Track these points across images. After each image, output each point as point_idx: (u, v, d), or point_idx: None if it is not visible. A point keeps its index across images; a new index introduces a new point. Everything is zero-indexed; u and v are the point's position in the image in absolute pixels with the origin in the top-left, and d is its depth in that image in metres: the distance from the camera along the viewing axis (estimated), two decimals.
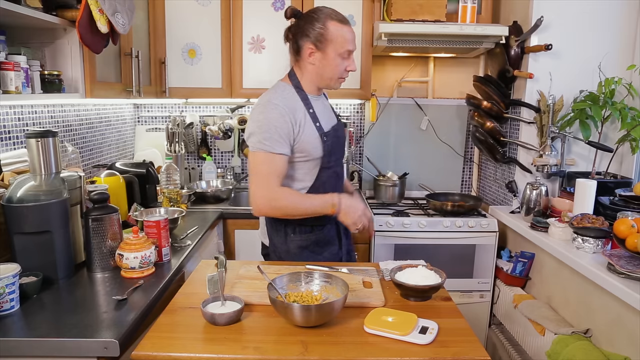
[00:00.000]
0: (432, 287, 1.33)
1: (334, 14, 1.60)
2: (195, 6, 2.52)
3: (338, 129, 1.73)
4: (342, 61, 1.62)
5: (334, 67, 1.62)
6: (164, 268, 1.56)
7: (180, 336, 1.13)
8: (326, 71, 1.63)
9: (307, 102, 1.64)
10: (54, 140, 1.45)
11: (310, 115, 1.62)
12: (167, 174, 2.29)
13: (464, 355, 1.07)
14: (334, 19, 1.59)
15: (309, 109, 1.63)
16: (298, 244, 1.69)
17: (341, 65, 1.62)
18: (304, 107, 1.63)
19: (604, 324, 1.64)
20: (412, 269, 1.42)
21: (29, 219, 1.35)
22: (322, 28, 1.58)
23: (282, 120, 1.54)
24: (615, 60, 2.27)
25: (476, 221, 2.38)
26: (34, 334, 1.12)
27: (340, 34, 1.58)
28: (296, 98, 1.63)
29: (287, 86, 1.66)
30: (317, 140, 1.61)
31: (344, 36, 1.59)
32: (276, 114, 1.54)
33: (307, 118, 1.61)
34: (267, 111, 1.56)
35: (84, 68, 1.73)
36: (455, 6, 2.46)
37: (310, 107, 1.64)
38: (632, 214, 1.78)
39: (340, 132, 1.74)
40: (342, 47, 1.59)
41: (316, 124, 1.63)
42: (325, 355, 1.06)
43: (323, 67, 1.62)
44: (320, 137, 1.62)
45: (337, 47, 1.59)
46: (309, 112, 1.63)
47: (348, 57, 1.63)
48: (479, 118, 2.54)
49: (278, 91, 1.63)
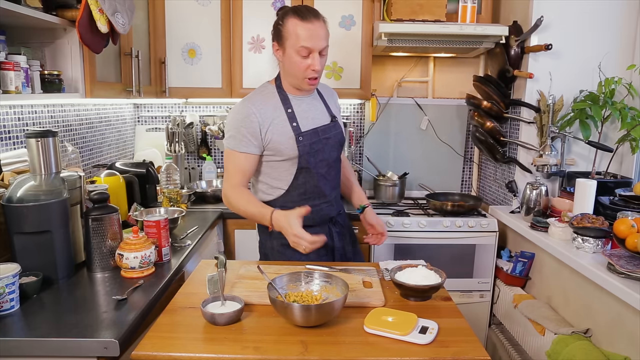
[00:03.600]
0: (432, 287, 1.33)
1: (297, 10, 1.54)
2: (195, 6, 2.52)
3: (327, 129, 1.68)
4: (301, 59, 1.54)
5: (294, 65, 1.56)
6: (164, 268, 1.56)
7: (180, 336, 1.13)
8: (290, 70, 1.59)
9: (287, 101, 1.63)
10: (54, 140, 1.45)
11: (287, 114, 1.61)
12: (167, 174, 2.29)
13: (464, 355, 1.07)
14: (294, 15, 1.53)
15: (287, 109, 1.62)
16: (281, 241, 1.66)
17: (301, 64, 1.55)
18: (282, 106, 1.62)
19: (604, 324, 1.64)
20: (412, 268, 1.42)
21: (29, 218, 1.35)
22: (280, 24, 1.56)
23: (247, 120, 1.58)
24: (615, 60, 2.27)
25: (476, 221, 2.38)
26: (34, 334, 1.12)
27: (296, 30, 1.52)
28: (275, 98, 1.63)
29: (269, 86, 1.68)
30: (290, 140, 1.60)
31: (299, 33, 1.51)
32: (243, 114, 1.59)
33: (282, 118, 1.61)
34: (236, 111, 1.61)
35: (84, 68, 1.73)
36: (455, 6, 2.46)
37: (289, 107, 1.63)
38: (632, 214, 1.78)
39: (330, 133, 1.69)
40: (297, 44, 1.52)
41: (292, 123, 1.61)
42: (325, 355, 1.06)
43: (286, 66, 1.60)
44: (295, 137, 1.60)
45: (293, 44, 1.53)
46: (287, 111, 1.62)
47: (307, 55, 1.54)
48: (479, 118, 2.54)
49: (257, 91, 1.68)
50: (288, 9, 1.57)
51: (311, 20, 1.52)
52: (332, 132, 1.70)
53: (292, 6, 1.59)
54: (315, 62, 1.55)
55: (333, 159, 1.72)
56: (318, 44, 1.53)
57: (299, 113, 1.64)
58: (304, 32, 1.51)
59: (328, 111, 1.74)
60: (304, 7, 1.57)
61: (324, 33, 1.55)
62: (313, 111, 1.68)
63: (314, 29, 1.52)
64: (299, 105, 1.65)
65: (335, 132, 1.72)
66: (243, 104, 1.62)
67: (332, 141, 1.70)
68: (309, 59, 1.54)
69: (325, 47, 1.57)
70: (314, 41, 1.52)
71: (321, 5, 2.53)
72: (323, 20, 1.57)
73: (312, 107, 1.69)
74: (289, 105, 1.63)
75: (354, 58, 2.58)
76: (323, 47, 1.56)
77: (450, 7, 2.47)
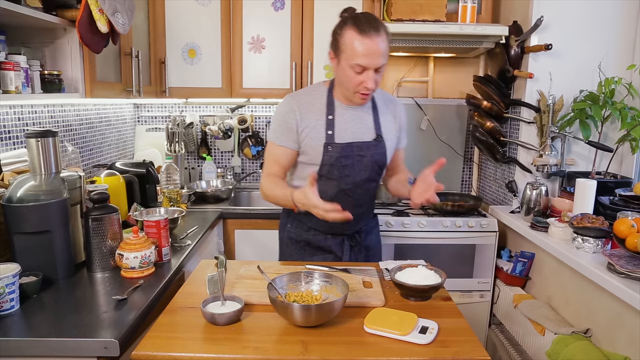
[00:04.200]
0: (432, 287, 1.33)
1: (357, 20, 1.43)
2: (195, 6, 2.52)
3: (365, 147, 1.59)
4: (355, 74, 1.45)
5: (346, 79, 1.48)
6: (164, 268, 1.56)
7: (180, 336, 1.13)
8: (342, 82, 1.52)
9: (331, 107, 1.57)
10: (54, 140, 1.45)
11: (326, 120, 1.56)
12: (167, 173, 2.29)
13: (464, 355, 1.07)
14: (352, 26, 1.42)
15: (328, 115, 1.57)
16: (291, 236, 1.73)
17: (354, 79, 1.46)
18: (325, 111, 1.57)
19: (604, 324, 1.64)
20: (412, 268, 1.42)
21: (29, 218, 1.35)
22: (338, 34, 1.47)
23: (287, 116, 1.57)
24: (615, 60, 2.27)
25: (476, 221, 2.38)
26: (34, 334, 1.12)
27: (352, 44, 1.42)
28: (322, 100, 1.59)
29: (321, 86, 1.64)
30: (319, 147, 1.56)
31: (356, 48, 1.41)
32: (286, 109, 1.59)
33: (321, 122, 1.56)
34: (281, 105, 1.61)
35: (84, 68, 1.74)
36: (455, 6, 2.46)
37: (331, 113, 1.57)
38: (632, 214, 1.78)
39: (367, 152, 1.59)
40: (352, 59, 1.43)
41: (328, 131, 1.56)
42: (325, 355, 1.06)
43: (339, 77, 1.53)
44: (324, 146, 1.56)
45: (348, 58, 1.44)
46: (327, 117, 1.56)
47: (361, 72, 1.45)
48: (479, 118, 2.54)
49: (307, 89, 1.66)
50: (348, 17, 1.46)
51: (370, 34, 1.41)
52: (370, 150, 1.60)
53: (354, 14, 1.46)
54: (368, 80, 1.45)
55: (362, 178, 1.62)
56: (374, 61, 1.43)
57: (339, 123, 1.57)
58: (361, 47, 1.41)
59: (375, 127, 1.62)
60: (365, 17, 1.44)
61: (382, 49, 1.43)
62: (356, 124, 1.59)
63: (371, 45, 1.41)
64: (343, 114, 1.58)
65: (374, 152, 1.61)
66: (288, 99, 1.61)
67: (367, 160, 1.60)
68: (363, 75, 1.46)
69: (382, 66, 1.46)
70: (370, 59, 1.42)
71: (321, 5, 2.53)
72: (385, 32, 1.45)
73: (356, 120, 1.60)
74: (332, 112, 1.57)
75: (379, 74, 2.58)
76: (379, 66, 1.45)
77: (450, 7, 2.47)
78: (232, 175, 2.91)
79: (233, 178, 2.91)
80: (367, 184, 1.65)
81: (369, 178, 1.64)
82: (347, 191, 1.62)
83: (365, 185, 1.65)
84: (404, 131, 1.73)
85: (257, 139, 2.98)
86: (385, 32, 1.45)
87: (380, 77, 1.50)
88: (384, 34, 1.45)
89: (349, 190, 1.63)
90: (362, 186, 1.64)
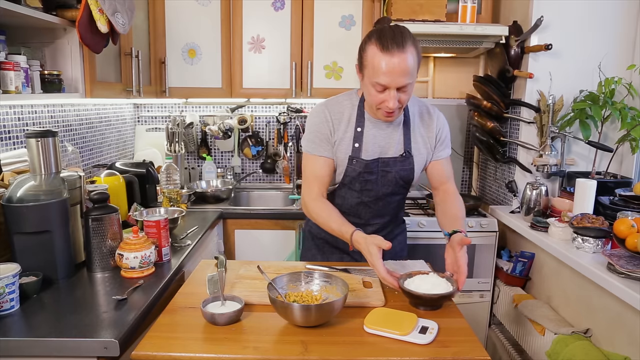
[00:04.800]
0: (442, 296, 1.26)
1: (381, 36, 1.34)
2: (195, 6, 2.52)
3: (391, 163, 1.54)
4: (376, 93, 1.38)
5: (369, 96, 1.43)
6: (164, 268, 1.56)
7: (180, 336, 1.13)
8: (366, 97, 1.46)
9: (361, 120, 1.53)
10: (54, 140, 1.45)
11: (355, 132, 1.52)
12: (167, 173, 2.29)
13: (464, 355, 1.07)
14: (376, 42, 1.34)
15: (357, 127, 1.53)
16: (312, 231, 1.74)
17: (375, 97, 1.40)
18: (355, 122, 1.53)
19: (604, 324, 1.64)
20: (423, 276, 1.36)
21: (29, 218, 1.35)
22: (363, 48, 1.41)
23: (323, 125, 1.53)
24: (615, 60, 2.27)
25: (476, 221, 2.38)
26: (34, 334, 1.12)
27: (374, 61, 1.35)
28: (353, 111, 1.54)
29: (354, 96, 1.58)
30: (345, 159, 1.54)
31: (376, 65, 1.34)
32: (320, 118, 1.54)
33: (349, 134, 1.53)
34: (313, 114, 1.57)
35: (84, 68, 1.74)
36: (455, 6, 2.46)
37: (360, 125, 1.53)
38: (632, 214, 1.78)
39: (393, 168, 1.55)
40: (373, 77, 1.36)
41: (355, 144, 1.52)
42: (325, 355, 1.06)
43: (364, 92, 1.47)
44: (349, 159, 1.53)
45: (370, 75, 1.37)
46: (356, 130, 1.52)
47: (382, 91, 1.37)
48: (479, 118, 2.54)
49: (341, 96, 1.59)
50: (374, 31, 1.39)
51: (393, 52, 1.31)
52: (395, 167, 1.55)
53: (380, 28, 1.38)
54: (390, 100, 1.37)
55: (384, 192, 1.58)
56: (396, 81, 1.34)
57: (367, 137, 1.53)
58: (382, 65, 1.33)
59: (405, 143, 1.56)
60: (391, 32, 1.35)
61: (406, 67, 1.33)
62: (383, 138, 1.54)
63: (394, 64, 1.32)
64: (371, 128, 1.53)
65: (400, 168, 1.56)
66: (320, 108, 1.56)
67: (392, 176, 1.56)
68: (384, 94, 1.38)
69: (407, 85, 1.36)
70: (391, 77, 1.33)
71: (321, 5, 2.53)
72: (413, 48, 1.35)
73: (384, 135, 1.54)
74: (361, 125, 1.53)
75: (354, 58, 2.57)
76: (403, 85, 1.36)
77: (450, 7, 2.47)
78: (232, 175, 2.91)
79: (233, 178, 2.91)
80: (389, 197, 1.62)
81: (392, 192, 1.61)
82: (367, 203, 1.61)
83: (387, 198, 1.62)
84: (443, 142, 1.63)
85: (257, 139, 2.98)
86: (413, 47, 1.35)
87: (406, 96, 1.40)
88: (411, 50, 1.34)
89: (369, 203, 1.61)
90: (384, 199, 1.61)
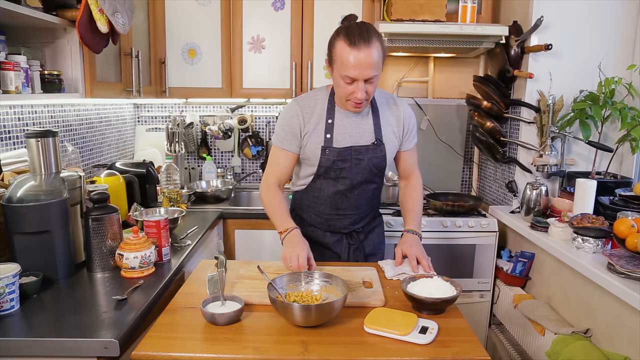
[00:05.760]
0: (445, 300, 1.25)
1: (349, 32, 1.43)
2: (195, 6, 2.52)
3: (363, 151, 1.61)
4: (345, 85, 1.48)
5: (338, 88, 1.52)
6: (164, 268, 1.56)
7: (180, 336, 1.13)
8: (336, 90, 1.56)
9: (331, 112, 1.61)
10: (54, 140, 1.45)
11: (326, 124, 1.60)
12: (167, 173, 2.29)
13: (464, 355, 1.07)
14: (344, 38, 1.43)
15: (328, 119, 1.60)
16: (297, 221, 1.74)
17: (344, 89, 1.49)
18: (326, 115, 1.61)
19: (604, 324, 1.64)
20: (427, 279, 1.35)
21: (29, 218, 1.35)
22: (332, 44, 1.49)
23: (292, 121, 1.61)
24: (615, 60, 2.27)
25: (476, 221, 2.38)
26: (34, 334, 1.12)
27: (342, 55, 1.43)
28: (323, 105, 1.62)
29: (324, 91, 1.66)
30: (317, 150, 1.60)
31: (344, 59, 1.43)
32: (290, 113, 1.62)
33: (321, 126, 1.60)
34: (285, 110, 1.65)
35: (84, 68, 1.74)
36: (455, 6, 2.46)
37: (330, 117, 1.61)
38: (632, 214, 1.78)
39: (365, 155, 1.61)
40: (342, 70, 1.45)
41: (327, 135, 1.60)
42: (325, 355, 1.06)
43: (334, 84, 1.56)
44: (322, 149, 1.60)
45: (339, 69, 1.46)
46: (327, 122, 1.60)
47: (351, 83, 1.46)
48: (479, 118, 2.54)
49: (311, 93, 1.68)
50: (342, 28, 1.48)
51: (360, 46, 1.41)
52: (368, 154, 1.62)
53: (347, 25, 1.47)
54: (358, 91, 1.46)
55: (359, 180, 1.65)
56: (363, 73, 1.43)
57: (338, 127, 1.60)
58: (350, 59, 1.42)
59: (375, 131, 1.63)
60: (358, 28, 1.44)
61: (372, 61, 1.43)
62: (354, 128, 1.61)
63: (361, 58, 1.41)
64: (342, 119, 1.61)
65: (373, 156, 1.62)
66: (292, 104, 1.64)
67: (365, 163, 1.62)
68: (353, 86, 1.47)
69: (374, 77, 1.46)
70: (359, 70, 1.43)
71: (321, 5, 2.53)
72: (378, 43, 1.44)
73: (354, 124, 1.62)
74: (332, 116, 1.61)
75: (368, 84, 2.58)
76: (370, 77, 1.45)
77: (450, 7, 2.47)
78: (232, 175, 2.91)
79: (233, 178, 2.91)
80: (364, 186, 1.68)
81: (366, 180, 1.66)
82: (343, 192, 1.67)
83: (362, 186, 1.68)
84: (410, 133, 1.71)
85: (257, 139, 2.98)
86: (378, 42, 1.44)
87: (372, 87, 1.49)
88: (376, 44, 1.43)
89: (345, 191, 1.66)
90: (359, 187, 1.68)
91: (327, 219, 1.72)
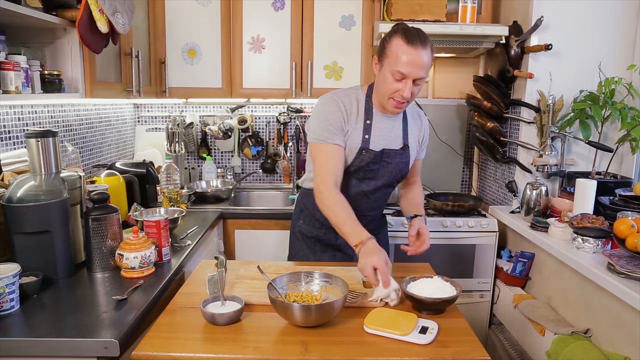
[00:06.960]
0: (444, 300, 1.25)
1: (407, 31, 1.48)
2: (195, 6, 2.52)
3: (393, 155, 1.64)
4: (393, 81, 1.49)
5: (385, 84, 1.52)
6: (164, 268, 1.56)
7: (180, 336, 1.13)
8: (380, 87, 1.55)
9: (369, 113, 1.61)
10: (54, 140, 1.45)
11: (364, 125, 1.60)
12: (167, 174, 2.29)
13: (464, 355, 1.07)
14: (401, 35, 1.47)
15: (366, 120, 1.61)
16: (302, 231, 1.75)
17: (391, 85, 1.50)
18: (364, 115, 1.61)
19: (604, 324, 1.64)
20: (427, 279, 1.36)
21: (29, 218, 1.35)
22: (386, 41, 1.51)
23: (336, 115, 1.58)
24: (615, 60, 2.27)
25: (476, 221, 2.38)
26: (34, 334, 1.12)
27: (397, 51, 1.46)
28: (361, 104, 1.62)
29: (359, 90, 1.66)
30: (355, 149, 1.59)
31: (400, 55, 1.46)
32: (332, 107, 1.59)
33: (359, 125, 1.60)
34: (325, 103, 1.61)
35: (84, 68, 1.74)
36: (455, 6, 2.46)
37: (369, 118, 1.61)
38: (632, 214, 1.78)
39: (393, 159, 1.64)
40: (394, 66, 1.47)
41: (365, 135, 1.60)
42: (325, 355, 1.06)
43: (379, 81, 1.56)
44: (359, 149, 1.59)
45: (391, 64, 1.48)
46: (365, 122, 1.60)
47: (400, 80, 1.48)
48: (479, 118, 2.54)
49: (347, 90, 1.66)
50: (399, 27, 1.51)
51: (416, 45, 1.45)
52: (395, 158, 1.65)
53: (405, 26, 1.52)
54: (405, 89, 1.49)
55: (383, 183, 1.68)
56: (415, 72, 1.46)
57: (375, 129, 1.62)
58: (405, 56, 1.45)
59: (404, 137, 1.68)
60: (416, 30, 1.50)
61: (425, 62, 1.47)
62: (387, 132, 1.64)
63: (415, 55, 1.45)
64: (378, 121, 1.63)
65: (400, 160, 1.66)
66: (332, 98, 1.61)
67: (392, 167, 1.66)
68: (401, 83, 1.49)
69: (422, 78, 1.50)
70: (411, 68, 1.46)
71: (321, 5, 2.53)
72: (431, 48, 1.50)
73: (388, 128, 1.64)
74: (370, 117, 1.61)
75: (354, 58, 2.59)
76: (419, 77, 1.48)
77: (450, 7, 2.47)
78: (232, 175, 2.91)
79: (233, 178, 2.91)
80: (385, 189, 1.71)
81: (389, 183, 1.70)
82: (366, 192, 1.68)
83: (384, 189, 1.71)
84: (425, 144, 1.78)
85: (257, 139, 2.98)
86: (430, 49, 1.49)
87: (417, 90, 1.52)
88: (430, 49, 1.49)
89: (368, 192, 1.68)
90: (381, 190, 1.70)
91: None
